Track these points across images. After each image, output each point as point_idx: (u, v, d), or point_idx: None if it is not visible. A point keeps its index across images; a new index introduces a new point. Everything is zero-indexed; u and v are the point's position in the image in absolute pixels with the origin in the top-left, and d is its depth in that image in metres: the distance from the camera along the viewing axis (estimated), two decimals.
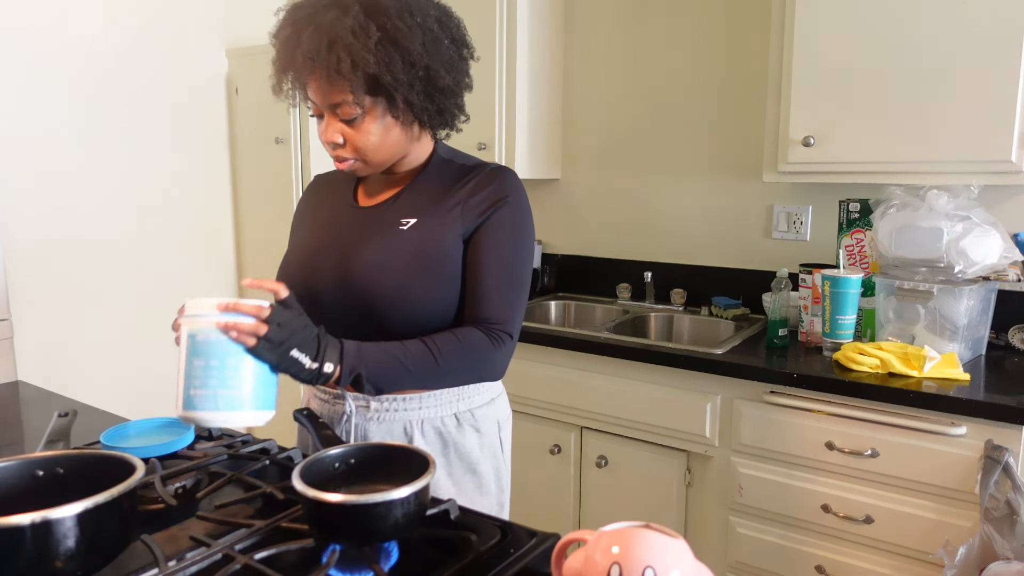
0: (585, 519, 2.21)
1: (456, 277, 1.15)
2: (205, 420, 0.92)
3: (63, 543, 0.67)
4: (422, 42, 1.07)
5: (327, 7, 1.05)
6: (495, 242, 1.15)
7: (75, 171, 2.40)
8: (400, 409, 1.18)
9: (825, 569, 1.79)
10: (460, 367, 1.13)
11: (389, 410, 1.18)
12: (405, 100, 1.08)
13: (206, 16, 2.70)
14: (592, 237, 2.76)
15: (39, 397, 1.63)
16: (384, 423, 1.18)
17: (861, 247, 2.08)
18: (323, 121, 1.12)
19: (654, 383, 2.00)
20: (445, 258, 1.14)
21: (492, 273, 1.15)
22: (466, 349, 1.12)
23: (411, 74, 1.07)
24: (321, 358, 1.00)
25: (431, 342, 1.11)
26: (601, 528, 0.67)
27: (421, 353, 1.09)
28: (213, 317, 0.91)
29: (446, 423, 1.20)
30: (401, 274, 1.12)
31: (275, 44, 1.13)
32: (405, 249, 1.13)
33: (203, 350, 0.91)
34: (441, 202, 1.16)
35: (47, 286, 2.36)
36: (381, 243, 1.15)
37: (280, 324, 0.96)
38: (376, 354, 1.07)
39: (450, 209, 1.16)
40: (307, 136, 2.56)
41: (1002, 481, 1.51)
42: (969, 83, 1.76)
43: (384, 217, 1.18)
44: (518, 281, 1.18)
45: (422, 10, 1.09)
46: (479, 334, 1.13)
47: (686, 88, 2.49)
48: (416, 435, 1.19)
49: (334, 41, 1.03)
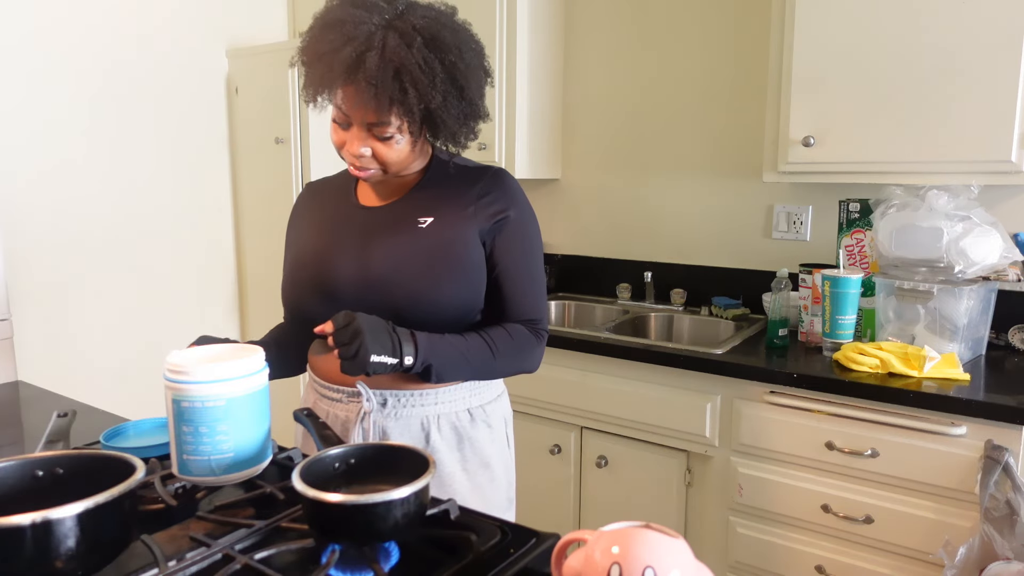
0: (585, 519, 2.21)
1: (475, 272, 1.20)
2: (204, 484, 0.91)
3: (63, 543, 0.67)
4: (476, 81, 1.15)
5: (383, 28, 1.06)
6: (519, 252, 1.23)
7: (75, 171, 2.40)
8: (417, 405, 1.20)
9: (825, 569, 1.79)
10: (511, 360, 1.21)
11: (407, 406, 1.20)
12: (447, 128, 1.14)
13: (206, 16, 2.70)
14: (592, 237, 2.76)
15: (39, 397, 1.63)
16: (402, 419, 1.20)
17: (861, 247, 2.08)
18: (348, 131, 1.13)
19: (654, 383, 2.00)
20: (466, 254, 1.18)
21: (523, 280, 1.23)
22: (517, 343, 1.20)
23: (459, 108, 1.13)
24: (400, 353, 1.07)
25: (487, 335, 1.18)
26: (601, 528, 0.67)
27: (480, 346, 1.17)
28: (197, 383, 0.87)
29: (460, 418, 1.23)
30: (421, 270, 1.16)
31: (318, 54, 1.09)
32: (425, 246, 1.17)
33: (190, 417, 0.88)
34: (454, 201, 1.21)
35: (47, 286, 2.36)
36: (399, 241, 1.18)
37: (346, 344, 1.02)
38: (442, 345, 1.13)
39: (464, 208, 1.20)
40: (307, 136, 2.56)
41: (1002, 481, 1.51)
42: (969, 83, 1.76)
43: (399, 216, 1.21)
44: (541, 280, 1.27)
45: (470, 47, 1.14)
46: (525, 330, 1.22)
47: (686, 88, 2.49)
48: (433, 431, 1.21)
49: (400, 71, 1.05)
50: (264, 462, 0.95)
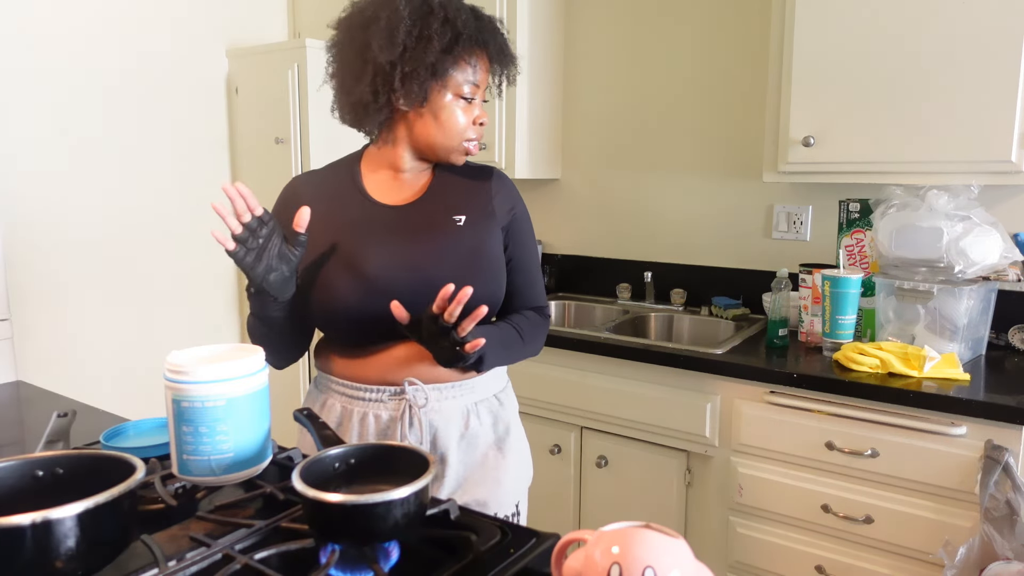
0: (585, 519, 2.21)
1: (503, 266, 1.29)
2: (205, 484, 0.91)
3: (63, 543, 0.67)
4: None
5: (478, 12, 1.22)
6: (529, 245, 1.34)
7: (75, 171, 2.40)
8: (458, 396, 1.27)
9: (825, 569, 1.79)
10: (532, 344, 1.31)
11: (447, 399, 1.26)
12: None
13: (206, 16, 2.70)
14: (592, 237, 2.76)
15: (39, 397, 1.63)
16: (443, 412, 1.25)
17: (861, 247, 2.08)
18: (472, 103, 1.23)
19: (654, 383, 2.00)
20: (498, 250, 1.28)
21: (532, 271, 1.35)
22: (536, 329, 1.32)
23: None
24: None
25: (514, 323, 1.29)
26: (601, 528, 0.67)
27: (512, 333, 1.27)
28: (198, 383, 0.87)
29: (492, 404, 1.32)
30: (465, 267, 1.22)
31: (439, 40, 1.16)
32: (466, 244, 1.24)
33: (190, 417, 0.87)
34: (475, 200, 1.29)
35: (47, 286, 2.36)
36: (444, 240, 1.24)
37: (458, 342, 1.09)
38: (487, 334, 1.18)
39: (485, 206, 1.29)
40: (307, 136, 2.56)
41: (1002, 481, 1.51)
42: (969, 83, 1.76)
43: (432, 216, 1.26)
44: (540, 271, 1.39)
45: None
46: (538, 316, 1.34)
47: (686, 88, 2.49)
48: (472, 418, 1.28)
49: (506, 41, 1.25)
50: (264, 462, 0.95)
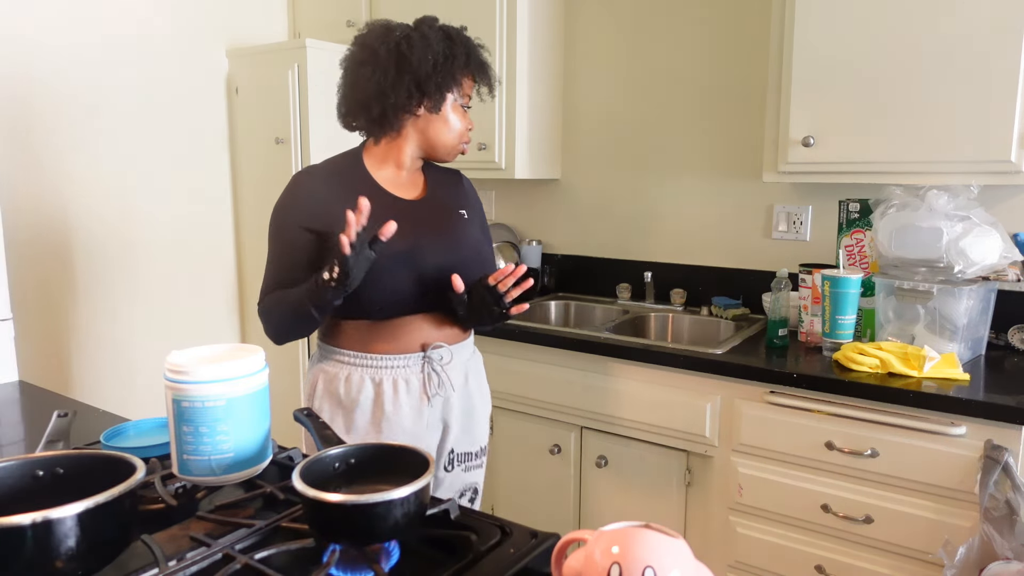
0: (585, 519, 2.21)
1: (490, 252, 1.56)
2: (204, 484, 0.91)
3: (64, 543, 0.67)
4: None
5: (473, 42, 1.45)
6: (488, 234, 1.61)
7: (75, 171, 2.40)
8: (464, 354, 1.52)
9: (825, 569, 1.79)
10: None
11: (456, 357, 1.49)
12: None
13: (206, 16, 2.70)
14: (592, 237, 2.76)
15: (39, 397, 1.63)
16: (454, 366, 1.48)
17: (861, 247, 2.08)
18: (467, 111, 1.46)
19: (654, 383, 2.00)
20: (487, 239, 1.57)
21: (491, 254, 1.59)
22: None
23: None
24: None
25: None
26: (601, 528, 0.67)
27: None
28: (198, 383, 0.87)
29: (475, 359, 1.58)
30: (475, 254, 1.48)
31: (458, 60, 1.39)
32: (474, 235, 1.50)
33: (190, 417, 0.88)
34: (462, 197, 1.54)
35: (47, 286, 2.36)
36: (459, 232, 1.47)
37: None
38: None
39: (473, 203, 1.56)
40: (307, 136, 2.56)
41: (1002, 481, 1.51)
42: (969, 83, 1.76)
43: (443, 209, 1.48)
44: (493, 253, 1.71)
45: None
46: None
47: (686, 88, 2.49)
48: (471, 374, 1.54)
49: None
50: (264, 462, 0.95)
